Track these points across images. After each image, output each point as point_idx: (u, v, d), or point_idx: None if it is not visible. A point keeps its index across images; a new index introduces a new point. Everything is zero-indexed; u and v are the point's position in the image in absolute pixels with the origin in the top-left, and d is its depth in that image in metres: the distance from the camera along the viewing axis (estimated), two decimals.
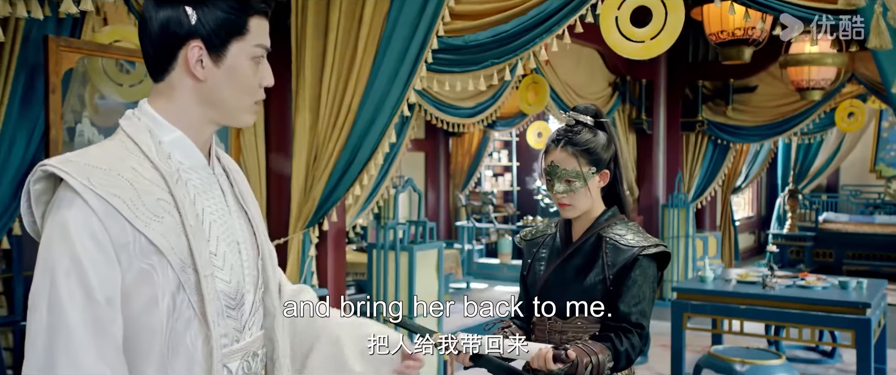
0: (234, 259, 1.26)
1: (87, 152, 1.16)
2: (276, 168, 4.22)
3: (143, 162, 1.17)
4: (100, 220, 1.09)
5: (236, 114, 1.25)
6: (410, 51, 3.70)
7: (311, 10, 3.96)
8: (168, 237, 1.14)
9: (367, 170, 3.99)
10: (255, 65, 1.23)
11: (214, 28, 1.19)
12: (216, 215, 1.25)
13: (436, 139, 9.51)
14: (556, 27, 3.45)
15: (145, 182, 1.15)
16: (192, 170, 1.24)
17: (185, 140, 1.23)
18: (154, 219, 1.13)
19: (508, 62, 3.73)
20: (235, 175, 1.36)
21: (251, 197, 1.39)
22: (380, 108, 3.84)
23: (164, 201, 1.15)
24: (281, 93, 4.21)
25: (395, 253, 4.46)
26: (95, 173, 1.10)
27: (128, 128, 1.21)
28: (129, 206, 1.11)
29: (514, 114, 8.49)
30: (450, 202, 9.96)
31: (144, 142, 1.19)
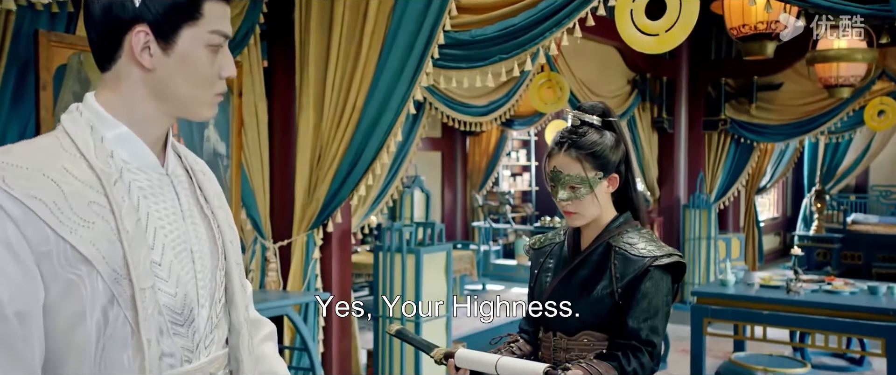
0: (184, 269, 1.13)
1: (11, 149, 1.03)
2: (280, 168, 4.11)
3: (77, 161, 1.04)
4: (15, 226, 0.97)
5: (191, 107, 1.13)
6: (416, 46, 3.57)
7: (315, 5, 3.86)
8: (98, 244, 1.01)
9: (373, 169, 3.87)
10: (212, 54, 1.11)
11: (162, 12, 1.07)
12: (165, 220, 1.12)
13: (452, 138, 9.38)
14: (566, 20, 3.30)
15: (76, 183, 1.02)
16: (139, 171, 1.11)
17: (132, 136, 1.11)
18: (82, 225, 1.00)
19: (517, 58, 3.58)
20: (200, 176, 1.24)
21: (219, 200, 1.26)
22: (385, 106, 3.72)
23: (97, 204, 1.03)
24: (285, 90, 4.11)
25: (401, 255, 4.33)
26: (14, 173, 0.98)
27: (67, 124, 1.09)
28: (52, 210, 0.98)
29: (532, 113, 8.34)
30: (466, 202, 9.82)
31: (82, 139, 1.06)
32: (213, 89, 1.13)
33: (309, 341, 3.63)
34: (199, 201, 1.21)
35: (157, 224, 1.10)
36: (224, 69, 1.14)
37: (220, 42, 1.12)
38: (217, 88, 1.14)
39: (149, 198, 1.11)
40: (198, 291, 1.15)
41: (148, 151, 1.12)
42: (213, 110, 1.16)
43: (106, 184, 1.04)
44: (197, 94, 1.12)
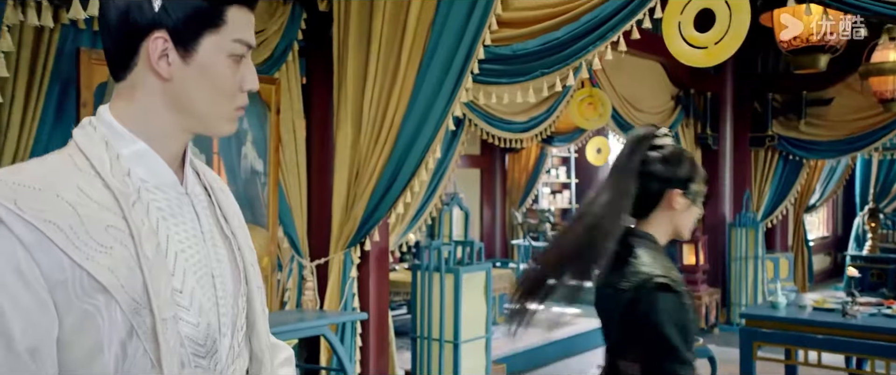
0: (206, 296, 1.05)
1: (23, 168, 0.95)
2: (317, 185, 4.07)
3: (93, 180, 0.96)
4: (27, 252, 0.89)
5: (211, 121, 1.05)
6: (456, 61, 3.51)
7: (353, 19, 3.82)
8: (117, 271, 0.93)
9: (411, 187, 3.80)
10: (234, 64, 1.03)
11: (183, 17, 0.99)
12: (186, 244, 1.03)
13: (491, 155, 9.28)
14: (610, 34, 3.20)
15: (92, 205, 0.94)
16: (157, 190, 1.03)
17: (149, 153, 1.02)
18: (99, 251, 0.92)
19: (559, 72, 3.49)
20: (219, 194, 1.15)
21: (238, 219, 1.17)
22: (424, 122, 3.66)
23: (115, 228, 0.94)
24: (322, 107, 4.08)
25: (440, 274, 4.25)
26: (26, 194, 0.90)
27: (80, 140, 1.00)
28: (67, 235, 0.90)
29: (572, 130, 8.22)
30: (506, 220, 9.70)
31: (97, 156, 0.98)
32: (233, 102, 1.05)
33: (346, 361, 3.56)
34: (220, 221, 1.12)
35: (177, 248, 1.02)
36: (246, 81, 1.05)
37: (243, 52, 1.04)
38: (238, 101, 1.06)
39: (168, 220, 1.03)
40: (220, 319, 1.06)
41: (166, 169, 1.04)
42: (232, 125, 1.07)
43: (124, 206, 0.96)
44: (216, 108, 1.04)
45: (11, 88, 2.89)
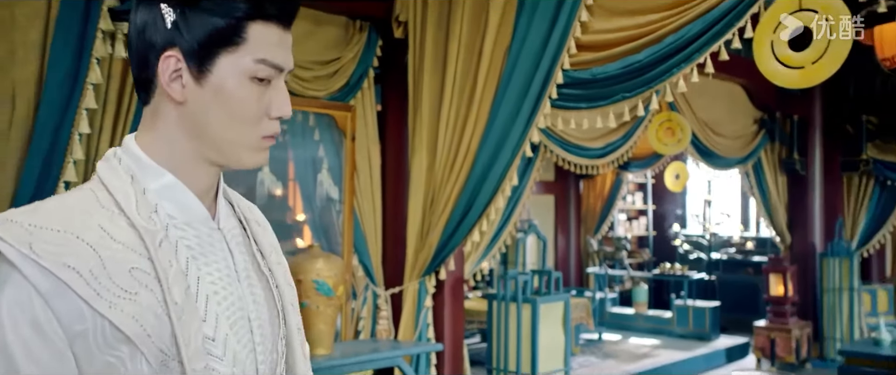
0: (242, 343, 0.95)
1: (40, 207, 0.86)
2: (392, 212, 4.04)
3: (116, 218, 0.88)
4: (44, 301, 0.81)
5: (231, 150, 0.93)
6: (533, 86, 3.43)
7: (429, 45, 3.80)
8: (142, 319, 0.84)
9: (487, 214, 3.72)
10: (258, 88, 0.92)
11: (196, 34, 0.89)
12: (218, 285, 0.94)
13: (566, 181, 9.13)
14: (696, 55, 3.06)
15: (116, 246, 0.85)
16: (187, 226, 0.94)
17: (178, 186, 0.93)
18: (123, 297, 0.84)
19: (642, 96, 3.36)
20: (255, 227, 1.05)
21: (276, 254, 1.08)
22: (500, 148, 3.58)
23: (141, 270, 0.86)
24: (397, 134, 4.06)
25: (517, 304, 4.13)
26: (43, 237, 0.82)
27: (103, 174, 0.92)
28: (87, 281, 0.82)
29: (649, 155, 8.01)
30: (581, 247, 9.49)
31: (122, 191, 0.90)
32: (256, 130, 0.93)
33: None
34: (256, 257, 1.02)
35: (209, 290, 0.92)
36: (274, 107, 0.93)
37: (269, 74, 0.92)
38: (264, 129, 0.94)
39: (199, 259, 0.93)
40: (257, 367, 0.97)
41: (197, 203, 0.95)
42: (257, 157, 0.95)
43: (150, 246, 0.87)
44: (235, 135, 0.92)
45: (100, 119, 2.96)
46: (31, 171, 2.25)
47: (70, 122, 2.20)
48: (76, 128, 2.23)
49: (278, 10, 0.92)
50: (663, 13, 3.15)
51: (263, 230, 1.08)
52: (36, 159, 2.25)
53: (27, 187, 2.27)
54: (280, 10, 0.92)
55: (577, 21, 3.31)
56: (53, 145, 2.24)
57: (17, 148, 2.31)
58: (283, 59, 0.94)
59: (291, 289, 1.07)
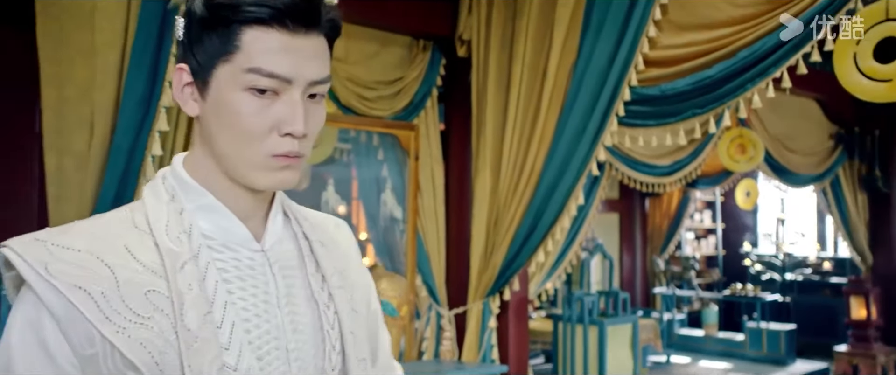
0: (274, 374, 0.88)
1: (72, 227, 0.85)
2: (456, 232, 4.01)
3: (144, 239, 0.84)
4: (55, 324, 0.78)
5: (239, 169, 0.86)
6: (599, 104, 3.36)
7: (492, 64, 3.78)
8: (152, 346, 0.79)
9: (552, 234, 3.65)
10: (258, 101, 0.83)
11: (195, 45, 0.85)
12: (251, 312, 0.87)
13: (631, 199, 8.95)
14: (772, 69, 2.94)
15: (136, 267, 0.81)
16: (224, 248, 0.89)
17: (217, 207, 0.88)
18: (134, 321, 0.79)
19: (714, 112, 3.25)
20: (319, 247, 0.98)
21: (342, 277, 0.98)
22: (566, 167, 3.52)
23: (158, 293, 0.81)
24: (461, 153, 4.04)
25: (583, 326, 4.04)
26: (62, 257, 0.79)
27: (146, 194, 0.90)
28: (98, 304, 0.78)
29: (718, 172, 7.79)
30: (647, 267, 9.27)
31: (155, 211, 0.86)
32: (262, 147, 0.84)
33: None
34: (311, 281, 0.95)
35: (236, 317, 0.85)
36: (284, 123, 0.83)
37: (270, 85, 0.83)
38: (272, 147, 0.84)
39: (232, 284, 0.87)
40: None
41: (237, 224, 0.89)
42: (271, 177, 0.86)
43: (169, 268, 0.82)
44: (239, 153, 0.85)
45: (172, 141, 3.04)
46: (107, 193, 2.31)
47: (144, 145, 2.26)
48: (149, 150, 2.29)
49: (275, 11, 0.82)
50: (736, 27, 3.05)
51: (330, 251, 0.99)
52: (112, 181, 2.31)
53: (103, 208, 2.33)
54: (279, 11, 0.82)
55: (645, 37, 3.23)
56: (128, 167, 2.30)
57: (95, 170, 2.37)
58: (283, 66, 0.83)
59: (357, 317, 0.98)
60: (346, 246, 1.04)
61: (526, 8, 3.63)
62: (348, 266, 1.02)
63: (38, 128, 2.65)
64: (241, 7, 0.82)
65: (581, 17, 3.41)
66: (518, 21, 3.68)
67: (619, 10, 3.25)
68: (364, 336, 0.99)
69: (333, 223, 1.07)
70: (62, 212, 2.45)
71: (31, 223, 2.86)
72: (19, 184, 2.87)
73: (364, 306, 1.02)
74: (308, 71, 0.84)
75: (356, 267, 1.05)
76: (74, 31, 2.41)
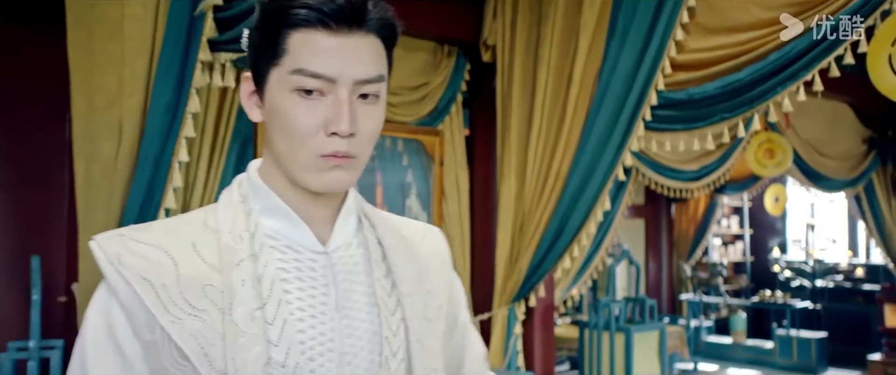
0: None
1: (151, 225, 0.92)
2: (481, 238, 3.99)
3: (210, 236, 0.89)
4: (123, 311, 0.84)
5: (295, 171, 0.88)
6: (626, 108, 3.32)
7: (517, 69, 3.76)
8: (202, 337, 0.83)
9: (578, 240, 3.62)
10: (307, 102, 0.85)
11: (253, 52, 0.90)
12: (306, 312, 0.89)
13: (657, 205, 8.86)
14: (803, 72, 2.88)
15: (199, 263, 0.86)
16: (288, 249, 0.91)
17: (282, 209, 0.91)
18: (190, 313, 0.83)
19: (743, 116, 3.20)
20: (393, 253, 0.97)
21: (415, 284, 0.98)
22: (592, 173, 3.49)
23: (214, 288, 0.85)
24: (486, 158, 4.03)
25: (609, 333, 3.99)
26: (135, 250, 0.85)
27: (222, 196, 0.95)
28: (158, 295, 0.83)
29: (746, 177, 7.68)
30: (673, 273, 9.16)
31: (225, 212, 0.91)
32: (311, 148, 0.85)
33: None
34: (377, 288, 0.94)
35: (289, 316, 0.87)
36: (329, 122, 0.84)
37: (317, 85, 0.84)
38: (320, 147, 0.85)
39: (291, 283, 0.89)
40: None
41: (301, 226, 0.92)
42: (321, 178, 0.87)
43: (226, 264, 0.86)
44: (293, 154, 0.87)
45: (198, 147, 3.06)
46: (135, 199, 2.33)
47: (170, 151, 2.27)
48: (176, 157, 2.30)
49: (318, 13, 0.84)
50: (766, 29, 3.00)
51: (406, 258, 0.99)
52: (139, 187, 2.33)
53: (130, 214, 2.35)
54: (322, 12, 0.84)
55: (672, 40, 3.19)
56: (155, 173, 2.32)
57: (123, 177, 2.39)
58: (327, 66, 0.85)
59: (432, 325, 0.97)
60: (429, 254, 1.04)
61: (551, 13, 3.61)
62: (428, 274, 1.01)
63: (68, 135, 2.69)
64: (286, 11, 0.85)
65: (607, 21, 3.38)
66: (543, 26, 3.66)
67: (646, 13, 3.22)
68: (436, 345, 0.97)
69: (422, 231, 1.07)
70: (91, 220, 2.48)
71: (61, 230, 2.89)
72: (50, 191, 2.91)
73: (442, 316, 1.01)
74: (353, 70, 0.85)
75: (439, 276, 1.03)
76: (104, 40, 2.43)
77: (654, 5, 3.20)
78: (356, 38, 0.85)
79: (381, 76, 0.88)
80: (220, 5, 2.15)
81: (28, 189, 2.89)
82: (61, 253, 2.86)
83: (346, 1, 0.84)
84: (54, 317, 2.81)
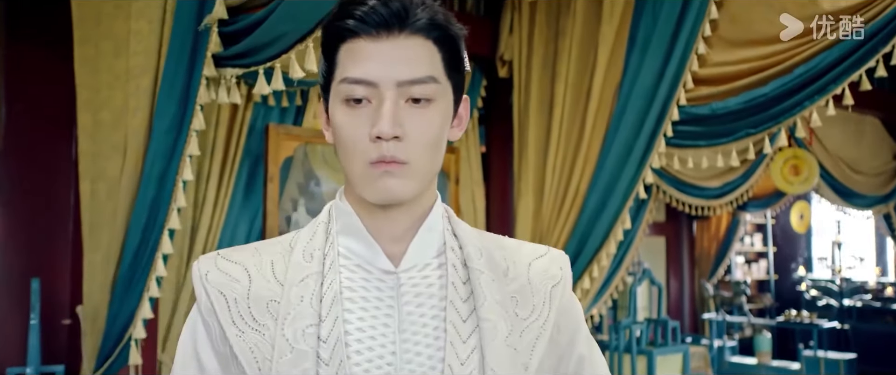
0: None
1: (247, 246, 0.96)
2: None
3: (286, 255, 0.91)
4: (204, 325, 0.90)
5: (355, 185, 0.88)
6: (646, 124, 3.22)
7: (534, 85, 3.68)
8: (258, 352, 0.85)
9: (598, 260, 3.51)
10: (354, 111, 0.85)
11: (321, 73, 0.92)
12: (366, 333, 0.86)
13: (678, 222, 8.69)
14: (832, 86, 2.77)
15: (270, 280, 0.89)
16: (358, 268, 0.90)
17: (356, 227, 0.91)
18: (254, 328, 0.86)
19: (768, 131, 3.09)
20: (479, 275, 0.90)
21: (502, 308, 0.90)
22: (611, 190, 3.39)
23: (277, 303, 0.87)
24: (502, 175, 3.94)
25: (631, 356, 3.86)
26: (219, 267, 0.90)
27: (316, 218, 0.97)
28: (230, 308, 0.87)
29: (769, 194, 7.51)
30: (695, 292, 8.98)
31: (307, 231, 0.93)
32: (361, 157, 0.84)
33: None
34: (449, 313, 0.88)
35: (347, 336, 0.85)
36: (373, 126, 0.83)
37: (364, 93, 0.83)
38: (368, 154, 0.84)
39: (355, 303, 0.87)
40: None
41: (372, 245, 0.89)
42: (373, 187, 0.84)
43: (289, 280, 0.88)
44: (350, 168, 0.87)
45: (208, 165, 3.00)
46: (138, 219, 2.26)
47: (175, 170, 2.21)
48: (180, 176, 2.23)
49: (357, 21, 0.84)
50: (792, 42, 2.89)
51: (494, 281, 0.91)
52: (143, 207, 2.26)
53: (134, 235, 2.28)
54: (360, 20, 0.84)
55: (694, 54, 3.09)
56: (159, 193, 2.25)
57: (127, 196, 2.33)
58: (368, 70, 0.84)
59: (516, 354, 0.88)
60: (534, 279, 0.95)
61: (569, 27, 3.53)
62: (526, 300, 0.93)
63: (74, 154, 2.63)
64: (334, 26, 0.86)
65: (626, 34, 3.30)
66: (561, 40, 3.57)
67: (667, 26, 3.13)
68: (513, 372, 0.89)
69: (535, 255, 0.99)
70: (95, 241, 2.42)
71: (66, 251, 2.84)
72: (55, 211, 2.86)
73: (541, 346, 0.91)
74: (395, 72, 0.83)
75: (545, 303, 0.95)
76: (110, 56, 2.38)
77: (675, 18, 3.11)
78: (400, 41, 0.84)
79: (430, 77, 0.85)
80: (225, 19, 2.09)
81: (33, 209, 2.84)
82: (66, 275, 2.80)
83: (386, 6, 0.83)
84: (57, 340, 2.74)
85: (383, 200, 0.86)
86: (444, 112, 0.88)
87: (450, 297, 0.89)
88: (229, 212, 3.06)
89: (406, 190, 0.85)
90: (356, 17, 0.84)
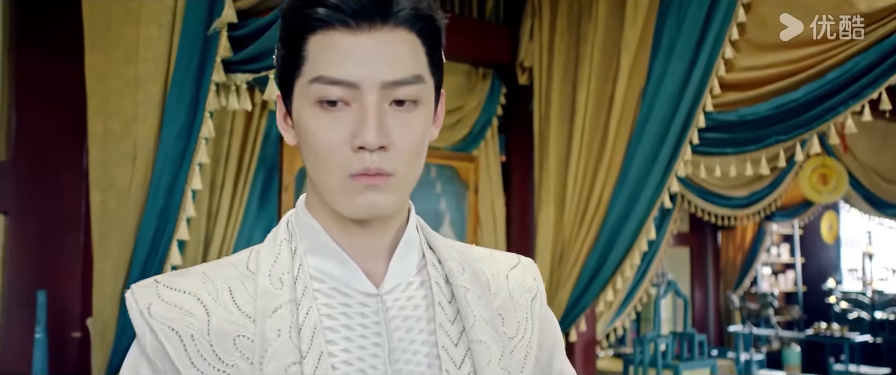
0: None
1: (190, 270, 0.81)
2: None
3: (248, 281, 0.78)
4: (148, 362, 0.76)
5: (328, 196, 0.76)
6: (671, 131, 3.12)
7: (555, 92, 3.59)
8: None
9: (622, 271, 3.41)
10: (329, 114, 0.73)
11: (278, 66, 0.79)
12: (354, 366, 0.77)
13: (702, 232, 8.53)
14: (868, 91, 2.66)
15: (233, 311, 0.76)
16: (335, 292, 0.78)
17: (329, 246, 0.79)
18: (218, 368, 0.74)
19: (799, 138, 2.97)
20: (463, 292, 0.82)
21: (491, 326, 0.82)
22: (635, 200, 3.29)
23: (246, 338, 0.75)
24: (523, 184, 3.85)
25: (656, 370, 3.75)
26: (164, 298, 0.76)
27: (270, 234, 0.84)
28: (186, 348, 0.74)
29: (797, 203, 7.34)
30: (720, 304, 8.80)
31: (267, 252, 0.80)
32: (339, 169, 0.73)
33: None
34: (439, 335, 0.80)
35: (333, 371, 0.75)
36: (355, 134, 0.72)
37: (340, 94, 0.72)
38: (348, 165, 0.73)
39: (338, 332, 0.77)
40: None
41: (350, 265, 0.79)
42: (353, 202, 0.74)
43: (260, 312, 0.75)
44: (323, 178, 0.75)
45: (222, 174, 2.95)
46: (147, 229, 2.21)
47: (184, 179, 2.15)
48: (189, 185, 2.17)
49: (333, 10, 0.71)
50: (824, 45, 2.78)
51: (480, 298, 0.83)
52: (151, 217, 2.21)
53: (142, 246, 2.23)
54: (337, 8, 0.71)
55: (721, 58, 2.99)
56: (167, 202, 2.20)
57: (136, 205, 2.28)
58: (348, 70, 0.72)
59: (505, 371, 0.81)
60: (514, 291, 0.88)
61: (590, 32, 3.44)
62: (511, 316, 0.86)
63: (84, 163, 2.59)
64: (303, 13, 0.74)
65: (650, 38, 3.20)
66: (582, 45, 3.49)
67: (692, 30, 3.03)
68: None
69: (510, 264, 0.92)
70: (105, 251, 2.36)
71: (77, 263, 2.79)
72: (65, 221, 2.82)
73: (529, 365, 0.86)
74: (380, 71, 0.72)
75: (527, 317, 0.88)
76: (120, 63, 2.34)
77: (701, 21, 3.01)
78: (383, 35, 0.73)
79: (416, 76, 0.75)
80: (234, 23, 2.03)
81: (43, 219, 2.80)
82: (76, 287, 2.75)
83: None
84: (68, 354, 2.69)
85: (365, 216, 0.76)
86: (427, 114, 0.78)
87: (438, 320, 0.80)
88: (243, 222, 3.01)
89: (390, 204, 0.76)
90: (329, 5, 0.72)
